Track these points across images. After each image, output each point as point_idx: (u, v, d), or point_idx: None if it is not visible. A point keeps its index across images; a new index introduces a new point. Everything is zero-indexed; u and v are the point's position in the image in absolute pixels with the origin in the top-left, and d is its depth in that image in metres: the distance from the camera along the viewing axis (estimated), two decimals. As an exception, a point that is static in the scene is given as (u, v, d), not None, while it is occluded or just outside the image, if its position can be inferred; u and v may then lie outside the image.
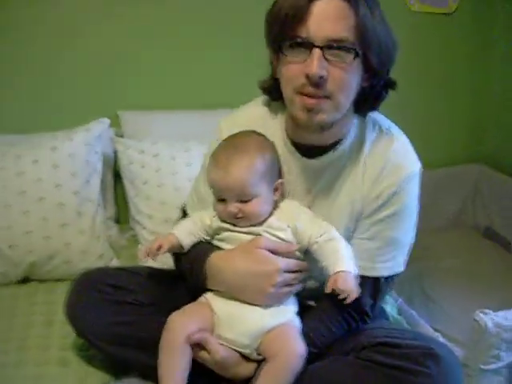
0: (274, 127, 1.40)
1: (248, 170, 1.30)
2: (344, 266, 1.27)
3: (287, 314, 1.34)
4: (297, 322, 1.35)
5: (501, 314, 1.70)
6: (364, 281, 1.32)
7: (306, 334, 1.32)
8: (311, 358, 1.31)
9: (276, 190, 1.36)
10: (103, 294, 1.43)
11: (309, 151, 1.36)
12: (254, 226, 1.35)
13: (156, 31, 2.29)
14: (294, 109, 1.25)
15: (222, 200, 1.34)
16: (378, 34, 1.20)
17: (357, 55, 1.18)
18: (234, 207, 1.32)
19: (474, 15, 2.57)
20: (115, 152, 2.20)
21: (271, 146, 1.37)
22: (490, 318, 1.68)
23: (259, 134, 1.38)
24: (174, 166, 2.08)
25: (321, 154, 1.35)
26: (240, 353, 1.33)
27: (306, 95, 1.20)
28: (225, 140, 1.38)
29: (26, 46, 2.20)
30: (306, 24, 1.16)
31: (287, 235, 1.35)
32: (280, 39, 1.21)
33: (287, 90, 1.25)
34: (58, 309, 1.74)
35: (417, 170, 1.35)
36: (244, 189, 1.30)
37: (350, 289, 1.24)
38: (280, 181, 1.36)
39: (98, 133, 2.08)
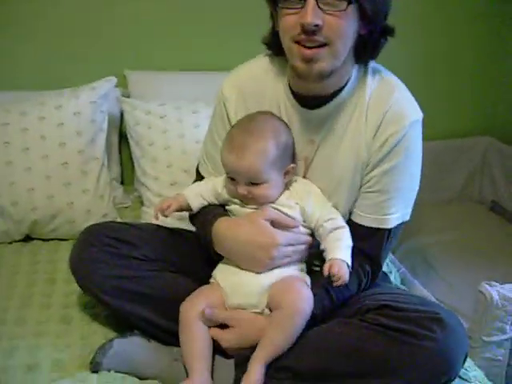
0: (275, 80, 1.41)
1: (260, 156, 1.31)
2: (342, 254, 1.31)
3: (289, 271, 1.36)
4: (301, 276, 1.37)
5: (507, 286, 1.69)
6: (375, 232, 1.37)
7: None
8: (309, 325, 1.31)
9: (286, 173, 1.37)
10: (109, 247, 1.42)
11: (311, 101, 1.36)
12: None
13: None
14: (294, 59, 1.27)
15: (233, 180, 1.36)
16: None
17: (350, 2, 1.20)
18: (243, 189, 1.34)
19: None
20: (121, 112, 2.17)
21: (287, 131, 1.37)
22: (496, 291, 1.68)
23: (275, 117, 1.38)
24: (181, 129, 2.05)
25: (323, 104, 1.36)
26: None
27: (303, 45, 1.22)
28: (241, 120, 1.39)
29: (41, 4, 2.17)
30: None
31: (294, 213, 1.38)
32: None
33: (285, 41, 1.27)
34: (61, 267, 1.76)
35: (419, 118, 1.36)
36: (255, 174, 1.33)
37: (342, 275, 1.27)
38: (292, 165, 1.38)
39: (104, 91, 2.05)
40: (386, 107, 1.33)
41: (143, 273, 1.42)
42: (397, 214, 1.37)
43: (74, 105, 1.98)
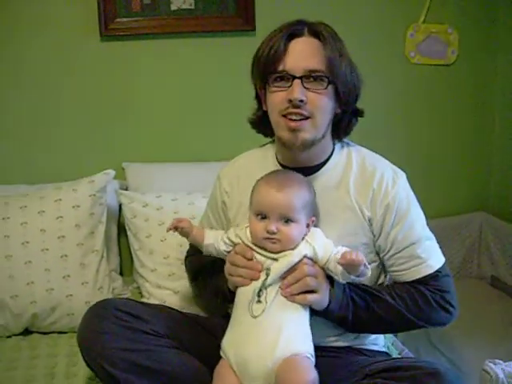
0: (268, 161, 1.58)
1: (298, 195, 1.41)
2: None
3: (296, 345, 1.35)
4: (309, 352, 1.36)
5: None
6: (426, 280, 1.48)
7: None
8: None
9: (308, 225, 1.44)
10: (119, 319, 1.43)
11: (298, 172, 1.49)
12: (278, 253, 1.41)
13: (163, 86, 2.36)
14: (280, 130, 1.44)
15: (263, 218, 1.41)
16: (344, 68, 1.42)
17: (329, 83, 1.40)
18: (274, 226, 1.38)
19: (474, 66, 2.61)
20: (120, 204, 2.20)
21: (312, 187, 1.48)
22: (501, 369, 1.64)
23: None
24: (177, 220, 2.07)
25: (309, 175, 1.50)
26: None
27: (289, 119, 1.40)
28: (276, 171, 1.51)
29: (30, 96, 2.27)
30: (286, 60, 1.40)
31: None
32: (267, 74, 1.43)
33: (274, 115, 1.45)
34: (61, 361, 1.74)
35: (404, 178, 1.53)
36: (290, 209, 1.39)
37: (360, 258, 1.31)
38: (313, 218, 1.45)
39: (103, 184, 2.09)
40: (375, 183, 1.49)
41: (152, 347, 1.43)
42: (431, 258, 1.50)
43: (73, 198, 2.02)
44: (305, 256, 1.40)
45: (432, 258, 1.51)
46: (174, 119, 2.39)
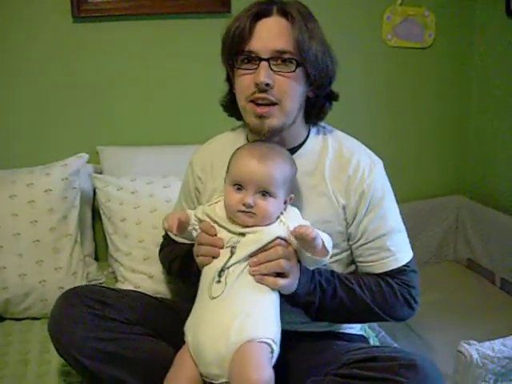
0: (240, 144, 1.48)
1: (280, 168, 1.35)
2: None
3: (253, 330, 1.27)
4: (269, 337, 1.27)
5: (486, 344, 1.67)
6: (393, 274, 1.46)
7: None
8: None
9: (285, 202, 1.38)
10: (90, 308, 1.42)
11: None
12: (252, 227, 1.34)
13: (137, 68, 2.32)
14: (247, 116, 1.40)
15: (239, 189, 1.35)
16: (315, 49, 1.36)
17: (298, 65, 1.35)
18: (251, 198, 1.32)
19: (450, 49, 2.62)
20: (94, 188, 2.17)
21: (295, 163, 1.42)
22: (475, 349, 1.66)
23: None
24: (152, 203, 2.04)
25: None
26: None
27: (256, 104, 1.36)
28: (257, 141, 1.43)
29: (1, 78, 2.22)
30: (253, 40, 1.35)
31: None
32: (233, 55, 1.38)
33: (241, 100, 1.41)
34: (34, 347, 1.72)
35: (381, 167, 1.50)
36: (270, 182, 1.33)
37: (311, 233, 1.27)
38: (291, 195, 1.40)
39: (76, 168, 2.06)
40: (351, 167, 1.45)
41: (123, 335, 1.42)
42: (399, 252, 1.47)
43: (46, 182, 1.98)
44: (277, 237, 1.33)
45: (401, 251, 1.48)
46: (149, 102, 2.36)
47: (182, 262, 1.59)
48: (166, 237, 1.75)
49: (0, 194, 1.94)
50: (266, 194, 1.33)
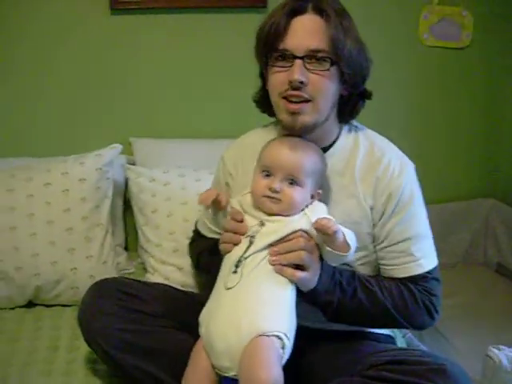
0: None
1: (309, 159, 1.36)
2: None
3: (266, 323, 1.25)
4: (282, 331, 1.25)
5: (516, 349, 1.66)
6: (416, 280, 1.43)
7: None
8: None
9: (312, 196, 1.38)
10: (119, 300, 1.46)
11: None
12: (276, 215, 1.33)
13: (172, 62, 2.35)
14: (280, 112, 1.39)
15: (267, 175, 1.35)
16: (349, 47, 1.34)
17: (332, 64, 1.34)
18: (278, 184, 1.32)
19: (487, 50, 2.57)
20: (126, 179, 2.19)
21: (326, 160, 1.42)
22: (505, 354, 1.64)
23: None
24: (184, 196, 2.05)
25: None
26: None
27: (289, 101, 1.35)
28: (289, 135, 1.42)
29: (37, 69, 2.26)
30: (288, 38, 1.34)
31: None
32: (267, 52, 1.38)
33: (274, 96, 1.40)
34: (64, 334, 1.75)
35: (412, 170, 1.47)
36: (299, 170, 1.33)
37: (332, 226, 1.26)
38: (319, 191, 1.39)
39: (110, 158, 2.08)
40: (380, 170, 1.43)
41: (150, 328, 1.45)
42: (425, 258, 1.44)
43: (80, 171, 2.01)
44: (299, 230, 1.31)
45: (425, 258, 1.44)
46: (182, 95, 2.37)
47: (210, 254, 1.60)
48: (197, 231, 1.75)
49: (35, 182, 1.97)
50: (293, 182, 1.33)
